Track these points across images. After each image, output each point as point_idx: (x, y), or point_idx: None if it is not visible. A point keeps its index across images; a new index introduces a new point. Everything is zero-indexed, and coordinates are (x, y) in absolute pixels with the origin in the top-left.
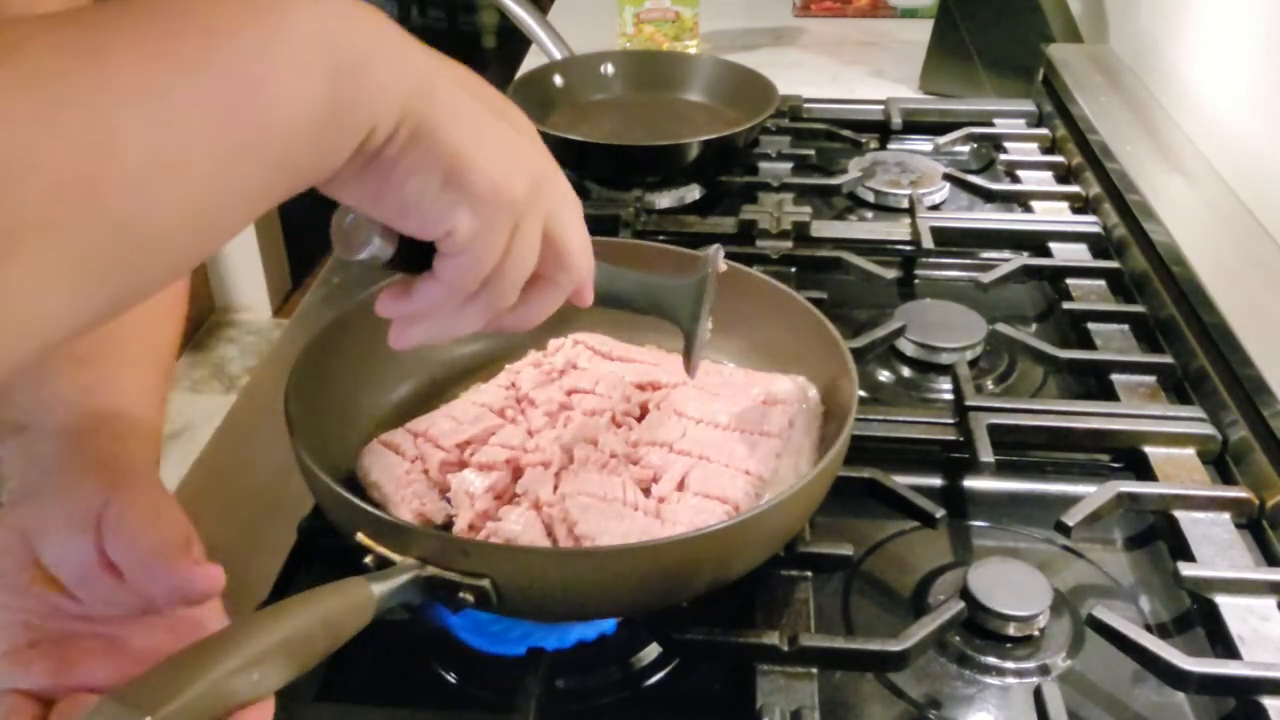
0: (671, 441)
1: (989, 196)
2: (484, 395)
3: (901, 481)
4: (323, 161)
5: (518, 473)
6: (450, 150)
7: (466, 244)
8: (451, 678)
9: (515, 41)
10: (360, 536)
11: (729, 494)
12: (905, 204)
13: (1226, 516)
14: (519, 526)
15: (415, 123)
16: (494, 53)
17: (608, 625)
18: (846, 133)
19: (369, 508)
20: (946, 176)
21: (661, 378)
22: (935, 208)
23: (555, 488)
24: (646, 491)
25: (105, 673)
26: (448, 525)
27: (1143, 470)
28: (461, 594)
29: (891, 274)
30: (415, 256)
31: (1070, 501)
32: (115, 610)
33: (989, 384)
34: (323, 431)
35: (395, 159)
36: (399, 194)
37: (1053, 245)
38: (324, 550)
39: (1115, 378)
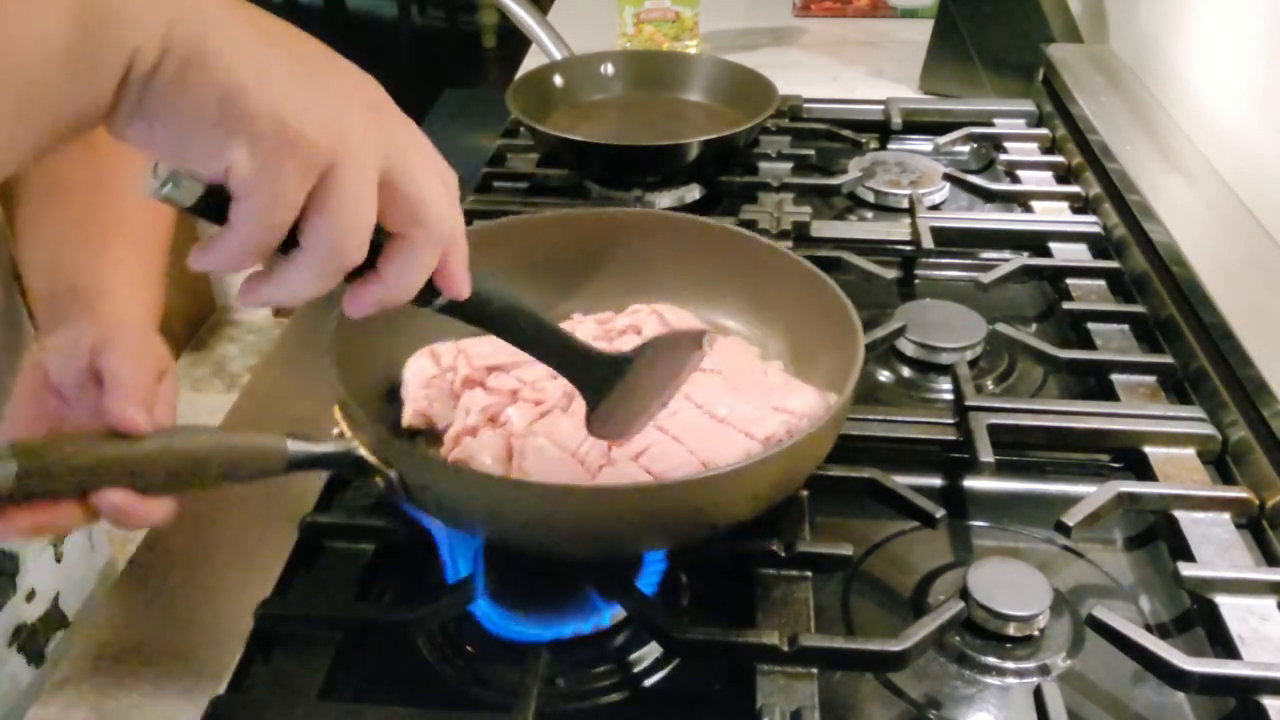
0: None
1: (989, 196)
2: None
3: (901, 481)
4: (80, 96)
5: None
6: (224, 78)
7: (248, 183)
8: (451, 677)
9: (515, 41)
10: (336, 409)
11: (667, 476)
12: (905, 204)
13: (1226, 516)
14: (479, 445)
15: (185, 50)
16: (494, 53)
17: (604, 620)
18: (846, 133)
19: (339, 387)
20: (946, 176)
21: (705, 363)
22: (935, 208)
23: (532, 424)
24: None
25: None
26: (446, 429)
27: (1143, 470)
28: (376, 478)
29: (891, 274)
30: (223, 205)
31: (1070, 501)
32: (96, 412)
33: (989, 384)
34: (362, 353)
35: (164, 91)
36: (171, 130)
37: (1053, 245)
38: (326, 547)
39: (1115, 378)
